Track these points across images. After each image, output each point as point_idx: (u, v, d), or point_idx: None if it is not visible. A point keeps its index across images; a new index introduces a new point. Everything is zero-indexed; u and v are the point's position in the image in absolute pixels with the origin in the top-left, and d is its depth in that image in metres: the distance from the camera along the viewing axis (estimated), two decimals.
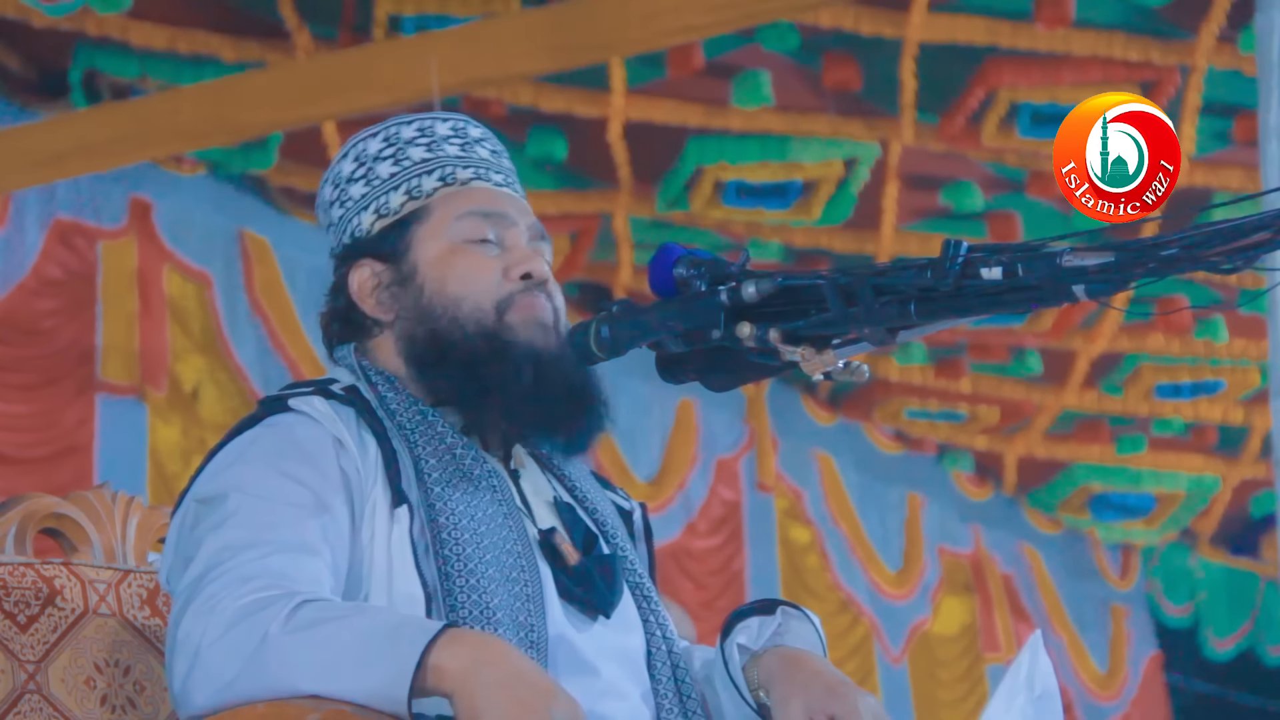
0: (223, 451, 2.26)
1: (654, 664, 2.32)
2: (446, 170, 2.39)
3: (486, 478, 2.27)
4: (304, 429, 2.25)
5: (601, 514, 2.39)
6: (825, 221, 7.95)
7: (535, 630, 2.19)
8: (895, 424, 10.49)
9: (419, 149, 2.40)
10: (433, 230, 2.36)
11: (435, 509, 2.21)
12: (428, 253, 2.35)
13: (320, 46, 6.83)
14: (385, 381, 2.32)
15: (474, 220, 2.36)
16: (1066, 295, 1.92)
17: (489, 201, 2.38)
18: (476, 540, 2.21)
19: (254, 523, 2.14)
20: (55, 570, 2.39)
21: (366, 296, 2.37)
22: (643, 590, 2.36)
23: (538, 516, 2.32)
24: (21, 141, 6.20)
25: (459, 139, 2.42)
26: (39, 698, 2.32)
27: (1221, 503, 10.99)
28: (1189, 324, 9.07)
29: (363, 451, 2.25)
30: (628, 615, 2.32)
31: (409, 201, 2.37)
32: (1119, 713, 11.96)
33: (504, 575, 2.20)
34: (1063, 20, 6.88)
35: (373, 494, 2.23)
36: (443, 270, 2.34)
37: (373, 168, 2.40)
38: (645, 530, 2.49)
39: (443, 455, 2.26)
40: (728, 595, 9.31)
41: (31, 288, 6.99)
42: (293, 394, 2.29)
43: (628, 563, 2.36)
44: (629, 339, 2.23)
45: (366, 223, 2.39)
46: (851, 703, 2.23)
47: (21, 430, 6.92)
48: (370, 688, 1.97)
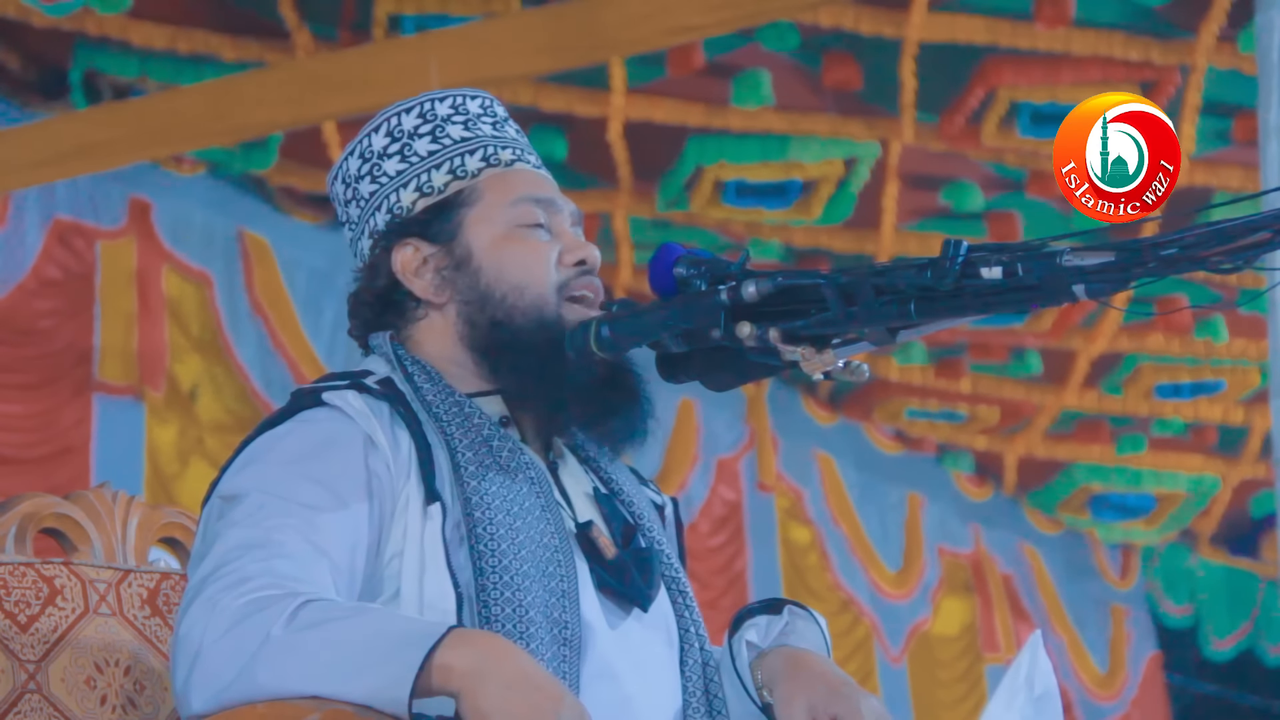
0: (251, 446, 2.24)
1: (685, 661, 2.32)
2: (489, 150, 2.37)
3: (524, 469, 2.26)
4: (334, 425, 2.23)
5: (638, 507, 2.38)
6: (825, 221, 7.94)
7: (569, 627, 2.19)
8: (895, 424, 10.49)
9: (456, 126, 2.37)
10: (485, 214, 2.34)
11: (471, 503, 2.20)
12: (481, 237, 2.33)
13: (320, 46, 6.83)
14: (422, 372, 2.30)
15: (527, 206, 2.35)
16: (1066, 295, 1.92)
17: (537, 186, 2.37)
18: (512, 535, 2.20)
19: (267, 524, 2.13)
20: (55, 570, 2.39)
21: (414, 277, 2.34)
22: (678, 586, 2.36)
23: (577, 509, 2.31)
24: (21, 141, 6.20)
25: (490, 117, 2.41)
26: (39, 697, 2.32)
27: (1221, 503, 10.98)
28: (1189, 324, 9.06)
29: (395, 448, 2.22)
30: (663, 610, 2.32)
31: (454, 181, 2.35)
32: (1119, 713, 11.95)
33: (539, 570, 2.19)
34: (1063, 20, 6.88)
35: (405, 491, 2.21)
36: (499, 256, 2.32)
37: (410, 144, 2.37)
38: (677, 525, 2.48)
39: (479, 448, 2.24)
40: (730, 595, 9.31)
41: (30, 288, 6.99)
42: (327, 387, 2.27)
43: (664, 557, 2.36)
44: (629, 339, 2.23)
45: (407, 200, 2.36)
46: (854, 703, 2.24)
47: (19, 430, 6.92)
48: (372, 687, 1.97)
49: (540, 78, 6.83)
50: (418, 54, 5.66)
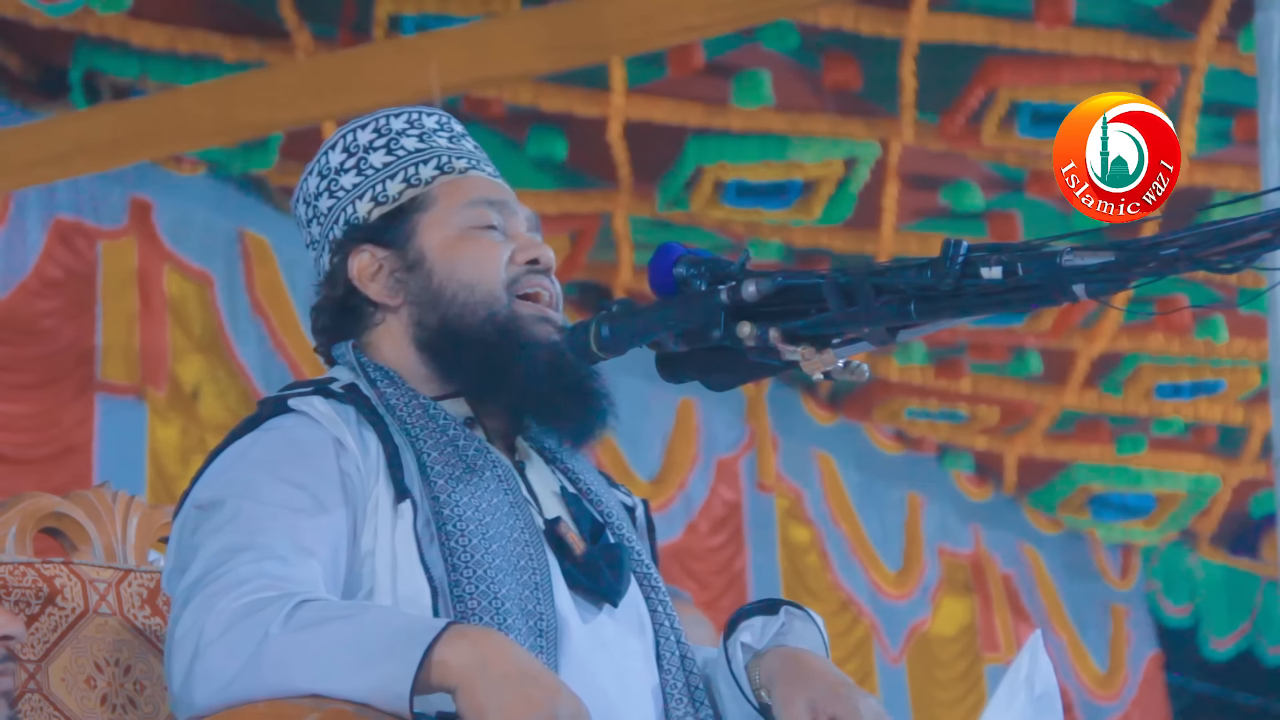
0: (222, 455, 2.26)
1: (662, 655, 2.32)
2: (443, 159, 2.40)
3: (491, 468, 2.27)
4: (303, 431, 2.24)
5: (606, 505, 2.40)
6: (825, 221, 7.94)
7: (544, 619, 2.19)
8: (895, 424, 10.49)
9: (411, 139, 2.41)
10: (437, 218, 2.37)
11: (440, 501, 2.21)
12: (433, 239, 2.36)
13: (320, 46, 6.82)
14: (385, 377, 2.32)
15: (480, 208, 2.38)
16: (1067, 295, 1.92)
17: (491, 190, 2.40)
18: (483, 530, 2.21)
19: (251, 527, 2.14)
20: (56, 569, 2.39)
21: (369, 282, 2.36)
22: (650, 581, 2.36)
23: (544, 506, 2.32)
24: (21, 141, 6.20)
25: (445, 132, 2.44)
26: (39, 697, 2.32)
27: (1221, 503, 10.98)
28: (1189, 324, 9.06)
29: (364, 450, 2.24)
30: (635, 606, 2.32)
31: (408, 189, 2.38)
32: (1119, 713, 11.95)
33: (511, 564, 2.20)
34: (1063, 20, 6.88)
35: (375, 492, 2.23)
36: (451, 256, 2.34)
37: (365, 157, 2.40)
38: (648, 526, 2.49)
39: (445, 448, 2.26)
40: (730, 595, 9.31)
41: (32, 287, 6.99)
42: (292, 394, 2.29)
43: (634, 553, 2.37)
44: (629, 339, 2.23)
45: (363, 210, 2.39)
46: (853, 704, 2.24)
47: (21, 430, 6.92)
48: (372, 685, 1.97)
49: (540, 78, 6.83)
50: (418, 54, 5.66)
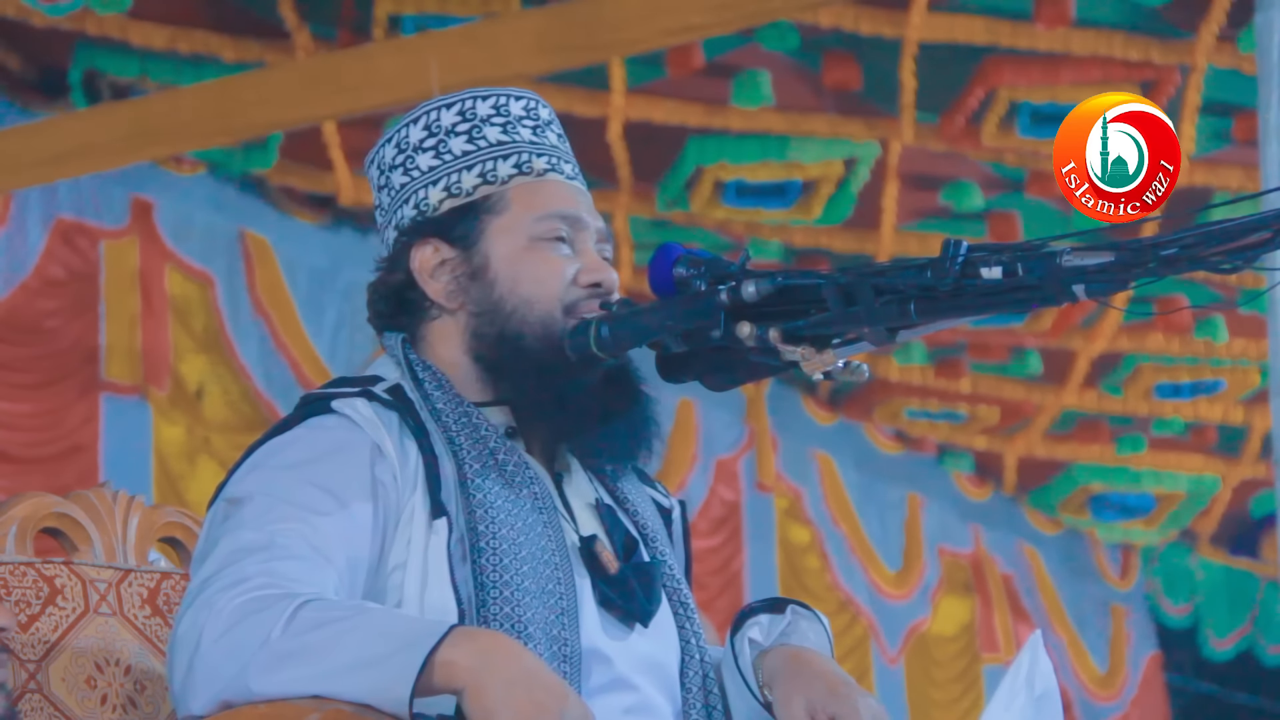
0: (259, 450, 2.25)
1: (686, 674, 2.32)
2: (522, 157, 2.35)
3: (528, 484, 2.25)
4: (342, 433, 2.23)
5: (643, 516, 2.37)
6: (825, 221, 7.94)
7: (568, 644, 2.18)
8: (895, 424, 10.49)
9: (494, 129, 2.35)
10: (508, 225, 2.31)
11: (475, 516, 2.19)
12: (501, 248, 2.31)
13: (320, 46, 6.83)
14: (432, 378, 2.29)
15: (553, 222, 2.32)
16: (1067, 295, 1.92)
17: (566, 201, 2.35)
18: (515, 551, 2.19)
19: (271, 527, 2.13)
20: (56, 569, 2.39)
21: (429, 279, 2.32)
22: (680, 597, 2.35)
23: (580, 521, 2.30)
24: (22, 141, 6.20)
25: (531, 120, 2.39)
26: (39, 697, 2.32)
27: (1221, 503, 10.98)
28: (1189, 324, 9.06)
29: (403, 459, 2.22)
30: (664, 624, 2.31)
31: (483, 185, 2.33)
32: (1118, 713, 11.95)
33: (539, 587, 2.19)
34: (1063, 20, 6.89)
35: (411, 502, 2.21)
36: (516, 269, 2.30)
37: (445, 141, 2.35)
38: (684, 529, 2.46)
39: (486, 459, 2.24)
40: (727, 595, 9.31)
41: (34, 287, 7.00)
42: (336, 394, 2.27)
43: (667, 568, 2.35)
44: (629, 339, 2.23)
45: (435, 198, 2.34)
46: (853, 703, 2.24)
47: (26, 430, 6.93)
48: (373, 685, 1.97)
49: (540, 78, 6.82)
50: (418, 54, 5.66)
